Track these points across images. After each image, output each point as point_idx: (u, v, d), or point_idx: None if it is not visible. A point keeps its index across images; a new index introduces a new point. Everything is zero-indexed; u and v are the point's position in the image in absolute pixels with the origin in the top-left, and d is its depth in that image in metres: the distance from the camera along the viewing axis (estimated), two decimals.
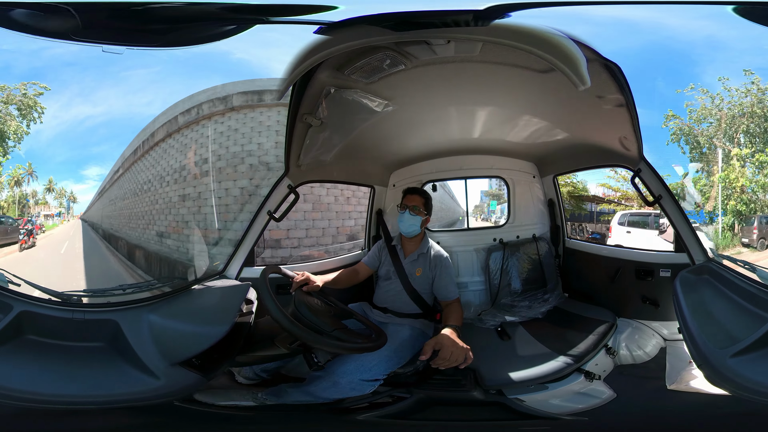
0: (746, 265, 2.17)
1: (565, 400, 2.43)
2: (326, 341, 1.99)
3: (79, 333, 1.83)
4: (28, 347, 1.77)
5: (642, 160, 2.61)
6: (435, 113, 2.95)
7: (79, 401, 1.71)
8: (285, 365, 2.52)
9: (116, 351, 1.81)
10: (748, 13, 1.81)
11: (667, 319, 2.79)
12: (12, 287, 1.86)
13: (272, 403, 2.28)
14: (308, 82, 2.24)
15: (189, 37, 1.88)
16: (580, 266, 3.77)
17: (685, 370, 2.38)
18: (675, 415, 2.24)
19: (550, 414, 2.35)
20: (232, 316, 2.03)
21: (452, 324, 2.42)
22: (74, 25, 1.75)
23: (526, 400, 2.36)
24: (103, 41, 1.83)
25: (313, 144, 2.67)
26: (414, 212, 2.81)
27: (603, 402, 2.37)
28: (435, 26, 1.77)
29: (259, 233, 2.71)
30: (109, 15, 1.76)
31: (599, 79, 2.15)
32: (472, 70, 2.31)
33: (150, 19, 1.81)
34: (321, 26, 1.77)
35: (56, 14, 1.72)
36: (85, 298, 1.96)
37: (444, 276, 2.78)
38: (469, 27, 1.74)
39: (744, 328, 1.82)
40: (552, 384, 2.47)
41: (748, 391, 1.69)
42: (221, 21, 1.84)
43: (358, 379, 2.23)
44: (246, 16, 1.82)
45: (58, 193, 2.52)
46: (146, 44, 1.88)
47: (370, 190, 3.75)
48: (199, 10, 1.81)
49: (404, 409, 2.33)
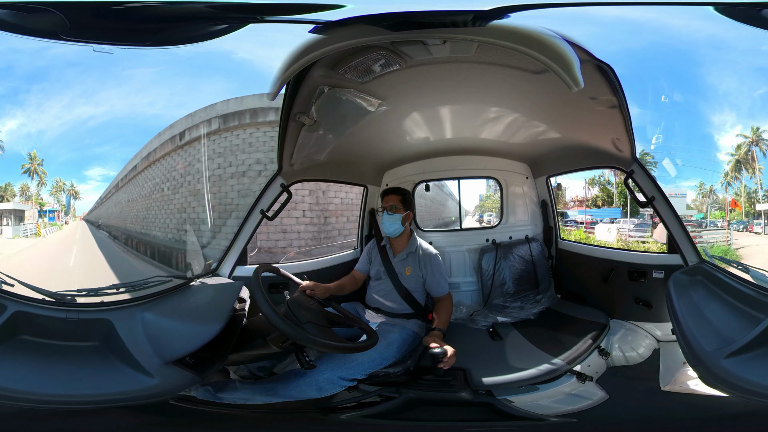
0: (739, 265, 2.18)
1: (555, 401, 2.43)
2: (315, 340, 1.98)
3: (74, 333, 1.81)
4: (22, 347, 1.75)
5: (635, 161, 2.61)
6: (429, 113, 2.95)
7: (76, 401, 1.70)
8: (279, 364, 2.51)
9: (110, 350, 1.80)
10: (729, 12, 1.82)
11: (661, 321, 2.79)
12: (5, 287, 1.84)
13: (262, 402, 2.27)
14: (302, 82, 2.21)
15: (180, 36, 1.86)
16: (572, 267, 3.77)
17: (678, 371, 2.38)
18: (667, 416, 2.25)
19: (535, 414, 2.34)
20: (225, 315, 2.02)
21: (439, 327, 2.52)
22: (62, 25, 1.72)
23: (514, 401, 2.35)
24: (93, 41, 1.80)
25: (306, 143, 2.66)
26: (392, 211, 2.80)
27: (594, 403, 2.37)
28: (432, 26, 1.76)
29: (251, 232, 2.70)
30: (93, 14, 1.73)
31: (592, 80, 2.15)
32: (466, 71, 2.30)
33: (137, 18, 1.78)
34: (317, 25, 1.75)
35: (41, 14, 1.69)
36: (78, 298, 1.93)
37: (435, 272, 2.77)
38: (467, 27, 1.73)
39: (738, 328, 1.82)
40: (543, 385, 2.47)
41: (743, 391, 1.69)
42: (212, 20, 1.81)
43: (336, 376, 2.24)
44: (238, 15, 1.80)
45: (55, 186, 2.43)
46: (136, 43, 1.85)
47: (363, 189, 3.74)
48: (187, 9, 1.79)
49: (392, 408, 2.32)
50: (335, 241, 6.82)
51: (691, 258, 2.49)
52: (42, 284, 1.88)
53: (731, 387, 1.71)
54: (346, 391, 2.30)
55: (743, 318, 1.88)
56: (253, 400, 2.25)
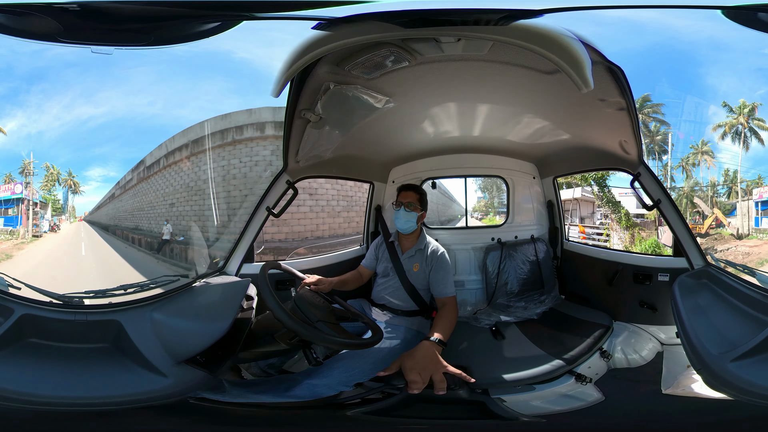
0: (745, 269, 2.17)
1: (547, 401, 2.41)
2: (322, 336, 1.99)
3: (83, 335, 1.80)
4: (31, 350, 1.75)
5: (641, 164, 2.61)
6: (437, 110, 2.93)
7: (91, 402, 1.69)
8: (287, 361, 2.53)
9: (121, 351, 1.79)
10: (736, 17, 1.81)
11: (665, 324, 2.78)
12: (12, 290, 1.83)
13: (275, 400, 2.27)
14: (306, 78, 2.20)
15: (175, 35, 1.84)
16: (577, 268, 3.76)
17: (681, 375, 2.37)
18: (663, 418, 2.24)
19: (515, 413, 2.28)
20: (233, 313, 2.02)
21: (436, 336, 2.25)
22: (56, 28, 1.71)
23: (507, 401, 2.33)
24: (90, 42, 1.80)
25: (312, 140, 2.65)
26: (409, 209, 2.80)
27: (588, 405, 2.35)
28: (448, 24, 1.74)
29: (258, 229, 2.70)
30: (81, 17, 1.72)
31: (602, 82, 2.14)
32: (477, 69, 2.28)
33: (127, 18, 1.76)
34: (320, 22, 1.73)
35: (34, 18, 1.69)
36: (86, 300, 1.93)
37: (439, 270, 2.75)
38: (488, 26, 1.70)
39: (744, 332, 1.81)
40: (540, 385, 2.46)
41: (750, 395, 1.68)
42: (203, 17, 1.80)
43: (353, 383, 2.24)
44: (230, 13, 1.78)
45: (47, 177, 2.32)
46: (132, 44, 1.83)
47: (369, 186, 3.74)
48: (175, 8, 1.77)
49: (391, 405, 2.32)
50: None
51: (697, 261, 2.48)
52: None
53: (737, 390, 1.70)
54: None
55: (749, 321, 1.87)
56: (265, 398, 2.27)
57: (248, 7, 1.76)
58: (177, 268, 2.68)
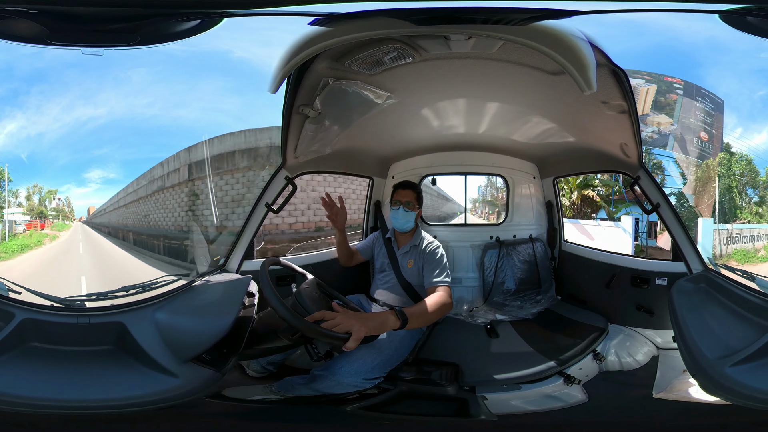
0: (744, 274, 2.16)
1: (528, 401, 2.43)
2: (324, 331, 1.98)
3: (86, 337, 1.79)
4: (34, 355, 1.73)
5: (641, 167, 2.60)
6: (439, 107, 2.92)
7: (102, 405, 1.68)
8: (288, 357, 2.53)
9: (127, 352, 1.78)
10: (729, 20, 1.80)
11: (662, 328, 2.77)
12: (12, 295, 1.81)
13: (283, 396, 2.33)
14: (304, 73, 2.17)
15: (163, 33, 1.81)
16: (575, 270, 3.76)
17: (676, 379, 2.37)
18: (646, 421, 2.24)
19: (490, 412, 2.31)
20: (235, 310, 2.02)
21: (401, 309, 2.15)
22: (41, 31, 1.69)
23: (489, 399, 2.35)
24: (79, 44, 1.76)
25: (310, 135, 2.63)
26: (408, 208, 2.80)
27: (568, 405, 2.37)
28: (464, 22, 1.71)
29: (257, 226, 2.69)
30: (61, 19, 1.68)
31: (606, 84, 2.13)
32: (483, 67, 2.26)
33: (107, 19, 1.72)
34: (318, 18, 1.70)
35: (20, 21, 1.66)
36: (88, 303, 1.90)
37: (429, 261, 2.72)
38: (505, 26, 1.67)
39: (742, 337, 1.81)
40: (526, 385, 2.47)
41: (749, 399, 1.67)
42: (188, 15, 1.76)
43: (361, 379, 2.26)
44: (223, 11, 1.75)
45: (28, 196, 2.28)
46: (120, 44, 1.79)
47: (369, 181, 3.73)
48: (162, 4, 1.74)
49: (385, 401, 2.34)
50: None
51: (696, 266, 2.47)
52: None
53: (736, 395, 1.70)
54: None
55: (748, 326, 1.87)
56: (279, 395, 2.34)
57: (248, 5, 1.74)
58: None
